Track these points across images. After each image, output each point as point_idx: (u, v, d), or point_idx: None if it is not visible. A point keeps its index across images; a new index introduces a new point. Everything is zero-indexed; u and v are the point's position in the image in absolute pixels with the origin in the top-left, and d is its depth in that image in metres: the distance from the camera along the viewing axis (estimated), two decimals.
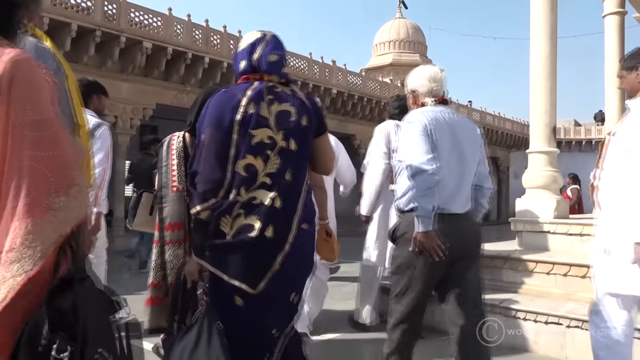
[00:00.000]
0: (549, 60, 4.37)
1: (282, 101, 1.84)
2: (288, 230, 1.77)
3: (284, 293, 1.81)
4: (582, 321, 3.08)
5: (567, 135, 26.23)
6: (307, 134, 1.86)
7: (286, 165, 1.79)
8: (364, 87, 17.10)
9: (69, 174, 1.05)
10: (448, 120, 2.34)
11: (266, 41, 1.94)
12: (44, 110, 1.05)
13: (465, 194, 2.34)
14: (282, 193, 1.76)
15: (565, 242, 4.03)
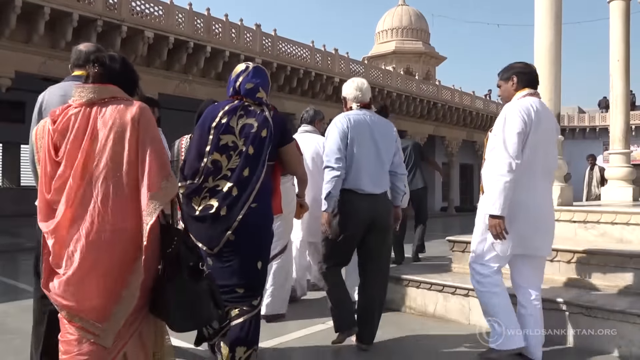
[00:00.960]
0: (554, 47, 4.34)
1: (250, 117, 2.52)
2: (239, 211, 2.41)
3: (247, 259, 2.45)
4: (586, 307, 3.10)
5: (571, 123, 26.11)
6: (264, 143, 2.48)
7: (244, 164, 2.44)
8: (367, 75, 17.01)
9: (167, 168, 1.86)
10: (369, 121, 3.14)
11: (247, 72, 2.63)
12: (155, 132, 1.88)
13: (380, 179, 3.13)
14: (238, 184, 2.42)
15: (569, 229, 4.05)
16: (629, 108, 5.99)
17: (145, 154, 1.83)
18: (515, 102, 2.91)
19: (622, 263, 3.39)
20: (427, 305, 3.86)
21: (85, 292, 1.76)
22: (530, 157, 2.78)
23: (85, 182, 1.83)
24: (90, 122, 1.86)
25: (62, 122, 1.87)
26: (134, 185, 1.84)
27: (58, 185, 1.84)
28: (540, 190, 2.87)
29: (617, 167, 5.70)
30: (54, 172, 1.84)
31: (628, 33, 5.97)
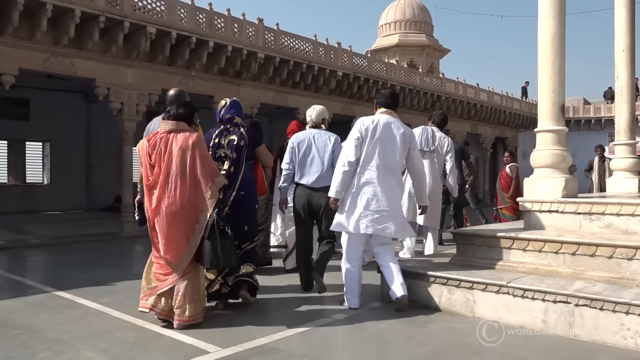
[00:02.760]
0: (558, 37, 4.29)
1: (231, 135, 4.08)
2: (230, 194, 3.96)
3: (238, 225, 3.92)
4: (591, 299, 3.09)
5: (576, 114, 25.92)
6: (242, 149, 4.03)
7: (230, 164, 4.00)
8: (370, 68, 16.93)
9: (215, 170, 3.55)
10: (311, 135, 4.59)
11: (226, 106, 4.21)
12: (204, 151, 3.51)
13: (320, 176, 4.41)
14: (228, 177, 3.86)
15: (573, 221, 4.02)
16: (634, 99, 5.93)
17: (196, 162, 3.44)
18: (363, 117, 4.04)
19: (628, 254, 3.38)
20: (431, 299, 3.85)
21: (166, 246, 3.44)
22: (368, 157, 3.86)
23: (165, 177, 3.43)
24: (169, 142, 3.47)
25: (152, 140, 3.52)
26: (192, 180, 3.44)
27: (155, 178, 3.46)
28: (383, 183, 3.84)
29: (622, 157, 5.66)
30: (150, 170, 3.49)
31: (633, 22, 5.91)
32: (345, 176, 3.85)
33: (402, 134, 3.92)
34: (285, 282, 4.94)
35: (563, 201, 4.05)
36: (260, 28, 13.39)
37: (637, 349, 2.91)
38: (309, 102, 15.50)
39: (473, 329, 3.36)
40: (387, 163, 3.87)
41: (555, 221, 4.11)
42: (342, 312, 3.82)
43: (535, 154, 4.36)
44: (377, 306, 4.00)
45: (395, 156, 3.91)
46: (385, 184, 3.84)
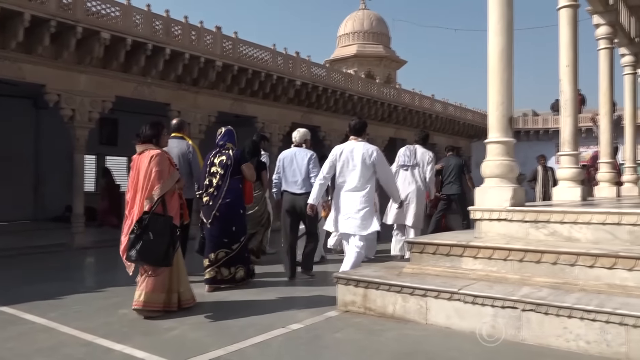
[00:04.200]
0: (506, 53, 4.48)
1: (222, 155, 5.23)
2: (217, 202, 5.09)
3: (225, 225, 5.10)
4: (537, 304, 3.22)
5: (526, 125, 26.95)
6: (228, 167, 5.15)
7: (219, 179, 5.16)
8: (328, 78, 17.08)
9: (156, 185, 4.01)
10: (293, 152, 5.89)
11: (222, 134, 5.44)
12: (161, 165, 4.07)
13: (299, 185, 5.70)
14: (216, 189, 5.15)
15: (521, 229, 4.18)
16: (577, 111, 6.23)
17: (151, 176, 4.03)
18: (337, 145, 5.43)
19: (570, 261, 3.54)
20: (386, 306, 3.91)
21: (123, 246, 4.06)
22: (339, 176, 5.10)
23: (134, 192, 4.12)
24: (138, 163, 4.16)
25: (133, 162, 4.24)
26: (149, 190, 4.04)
27: (130, 193, 4.18)
28: (345, 195, 5.05)
29: (566, 167, 5.93)
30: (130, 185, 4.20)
31: (576, 40, 6.21)
32: (320, 188, 5.19)
33: (362, 155, 5.01)
34: (248, 288, 4.93)
35: (511, 210, 4.21)
36: (218, 36, 13.31)
37: (578, 351, 3.05)
38: (268, 110, 15.49)
39: (427, 335, 3.44)
40: (351, 179, 5.02)
41: (504, 229, 4.26)
42: (298, 322, 3.83)
43: (485, 164, 4.52)
44: (333, 315, 4.03)
45: (358, 173, 5.00)
46: (351, 194, 5.01)
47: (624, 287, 3.30)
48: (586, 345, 3.04)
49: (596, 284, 3.40)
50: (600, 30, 7.55)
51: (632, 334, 2.88)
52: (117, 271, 6.99)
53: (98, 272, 7.07)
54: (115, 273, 6.83)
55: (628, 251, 3.37)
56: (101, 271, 6.92)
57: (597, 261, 3.43)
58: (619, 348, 2.93)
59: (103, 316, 4.12)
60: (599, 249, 3.49)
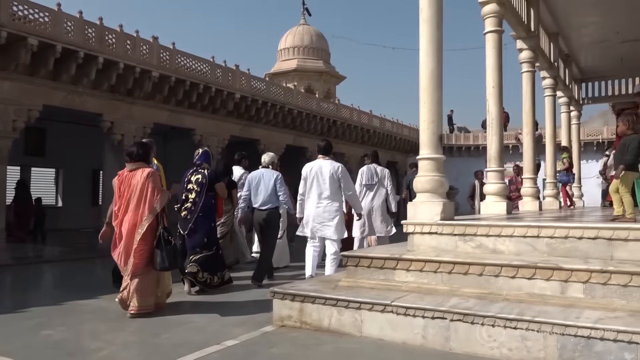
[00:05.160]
0: (436, 73, 4.69)
1: (198, 174, 5.94)
2: (193, 216, 5.78)
3: (199, 236, 5.78)
4: (464, 314, 3.36)
5: (458, 141, 28.15)
6: (203, 185, 5.86)
7: (194, 195, 5.85)
8: (268, 92, 17.14)
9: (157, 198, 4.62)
10: (261, 173, 6.55)
11: (199, 155, 6.18)
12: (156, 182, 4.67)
13: (265, 201, 6.38)
14: (192, 204, 5.84)
15: (450, 242, 4.36)
16: (502, 130, 6.60)
17: (147, 192, 4.58)
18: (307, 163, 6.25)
19: (494, 272, 3.73)
20: (322, 320, 3.95)
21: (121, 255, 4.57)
22: (309, 189, 5.99)
23: (126, 206, 4.59)
24: (131, 179, 4.62)
25: (120, 178, 4.70)
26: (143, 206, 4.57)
27: (119, 205, 4.63)
28: (316, 204, 5.91)
29: (493, 183, 6.26)
30: (119, 200, 4.64)
31: (501, 62, 6.59)
32: (301, 203, 6.11)
33: (329, 171, 5.91)
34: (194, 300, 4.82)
35: (441, 223, 4.39)
36: (155, 46, 13.04)
37: (501, 358, 3.21)
38: (206, 123, 15.30)
39: (360, 348, 3.50)
40: (321, 192, 5.92)
41: (435, 242, 4.43)
42: (234, 338, 3.79)
43: (417, 180, 4.69)
44: (269, 330, 4.02)
45: (327, 187, 5.90)
46: (320, 205, 5.90)
47: (542, 296, 3.52)
48: (508, 352, 3.21)
49: (518, 293, 3.60)
50: (523, 55, 8.05)
51: (549, 340, 3.07)
52: (40, 290, 6.62)
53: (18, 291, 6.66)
54: (38, 292, 6.46)
55: (545, 262, 3.60)
56: (22, 290, 6.52)
57: (518, 272, 3.63)
58: (537, 354, 3.12)
59: (24, 338, 3.89)
60: (520, 261, 3.71)
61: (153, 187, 4.60)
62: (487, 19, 6.41)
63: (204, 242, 5.78)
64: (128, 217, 4.55)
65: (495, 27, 6.44)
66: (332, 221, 5.86)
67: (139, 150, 4.78)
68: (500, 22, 6.47)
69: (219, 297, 5.51)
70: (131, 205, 4.57)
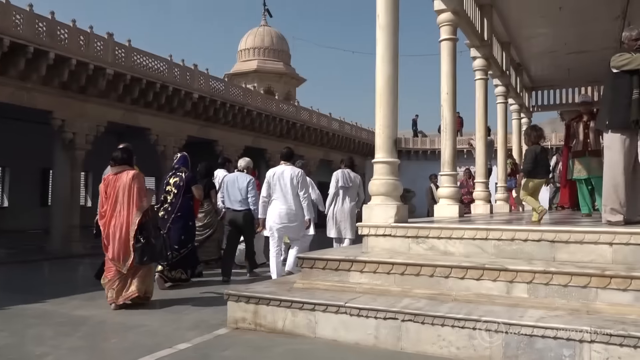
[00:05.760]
0: (392, 79, 4.78)
1: (176, 177, 6.43)
2: (170, 215, 6.27)
3: (176, 234, 6.23)
4: (414, 315, 3.45)
5: (415, 145, 28.71)
6: (180, 187, 6.32)
7: (173, 197, 6.33)
8: (227, 92, 16.98)
9: (143, 197, 5.05)
10: (235, 176, 7.14)
11: (178, 159, 6.70)
12: (141, 183, 5.08)
13: (240, 204, 6.93)
14: (170, 205, 6.33)
15: (404, 244, 4.46)
16: (455, 135, 6.80)
17: (134, 192, 4.95)
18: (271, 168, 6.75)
19: (445, 273, 3.84)
20: (276, 322, 3.96)
21: (115, 252, 4.89)
22: (272, 192, 6.38)
23: (113, 206, 4.97)
24: (117, 181, 5.00)
25: (106, 181, 5.07)
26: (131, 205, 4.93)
27: (106, 207, 5.01)
28: (281, 204, 6.32)
29: (446, 187, 6.43)
30: (105, 201, 5.03)
31: (455, 70, 6.79)
32: (264, 205, 6.46)
33: (290, 176, 6.36)
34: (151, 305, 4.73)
35: (395, 226, 4.48)
36: (110, 43, 12.71)
37: (450, 356, 3.31)
38: (163, 122, 15.00)
39: (314, 349, 3.53)
40: (283, 195, 6.36)
41: (389, 244, 4.52)
42: (187, 342, 3.74)
43: (372, 183, 4.77)
44: (222, 333, 3.99)
45: (289, 190, 6.35)
46: (283, 207, 6.34)
47: (489, 296, 3.65)
48: (457, 350, 3.31)
49: (466, 294, 3.72)
50: (477, 62, 8.31)
51: (495, 338, 3.19)
52: None
53: None
54: None
55: (493, 263, 3.74)
56: None
57: (467, 273, 3.75)
58: (483, 352, 3.23)
59: None
60: (469, 262, 3.83)
61: (139, 187, 5.03)
62: (442, 27, 6.59)
63: (181, 239, 6.26)
64: (118, 217, 4.98)
65: (449, 35, 6.62)
66: (294, 222, 6.39)
67: (123, 155, 5.24)
68: (454, 30, 6.66)
69: (174, 299, 5.43)
70: (119, 205, 4.99)
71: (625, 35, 4.37)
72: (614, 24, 8.23)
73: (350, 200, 8.07)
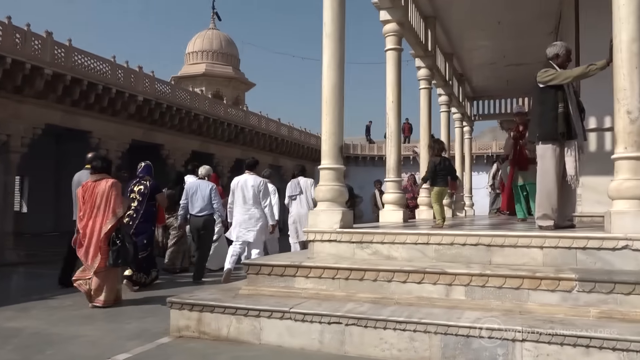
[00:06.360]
0: (338, 87, 4.86)
1: (140, 185, 6.81)
2: (135, 222, 6.61)
3: (140, 238, 6.46)
4: (358, 319, 3.51)
5: (363, 152, 29.14)
6: (144, 195, 6.73)
7: (137, 204, 6.70)
8: (174, 95, 16.65)
9: (120, 204, 5.51)
10: (197, 183, 7.48)
11: (142, 168, 7.12)
12: (118, 190, 5.55)
13: (201, 209, 7.30)
14: (135, 211, 6.68)
15: (349, 249, 4.52)
16: (400, 143, 6.98)
17: (111, 199, 5.40)
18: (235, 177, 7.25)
19: (388, 277, 3.94)
20: (221, 329, 3.92)
21: (87, 253, 5.32)
22: (236, 199, 6.93)
23: (91, 211, 5.39)
24: (95, 187, 5.45)
25: (84, 187, 5.52)
26: (108, 210, 5.37)
27: (83, 211, 5.42)
28: (243, 212, 6.89)
29: (390, 193, 6.59)
30: (82, 207, 5.45)
31: (400, 79, 6.97)
32: (230, 211, 7.02)
33: (252, 185, 6.92)
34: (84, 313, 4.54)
35: (340, 231, 4.55)
36: (49, 42, 12.20)
37: (392, 359, 3.39)
38: (105, 126, 14.51)
39: (259, 355, 3.52)
40: (245, 202, 6.90)
41: (335, 249, 4.58)
42: (127, 352, 3.64)
43: (317, 189, 4.82)
44: (165, 341, 3.91)
45: (250, 197, 6.90)
46: (246, 213, 6.88)
47: (430, 299, 3.77)
48: (398, 353, 3.40)
49: (408, 297, 3.82)
50: (421, 72, 8.57)
51: (434, 339, 3.30)
52: None
53: None
54: None
55: (433, 267, 3.86)
56: None
57: (409, 277, 3.86)
58: (424, 353, 3.33)
59: None
60: (411, 266, 3.94)
61: (116, 194, 5.47)
62: (387, 37, 6.76)
63: (144, 243, 6.62)
64: (94, 221, 5.38)
65: (394, 45, 6.79)
66: (255, 227, 6.88)
67: (103, 164, 5.70)
68: (399, 40, 6.84)
69: (117, 308, 5.26)
70: (96, 210, 5.40)
71: (549, 51, 4.65)
72: (548, 39, 8.71)
73: (302, 206, 8.42)
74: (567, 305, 3.37)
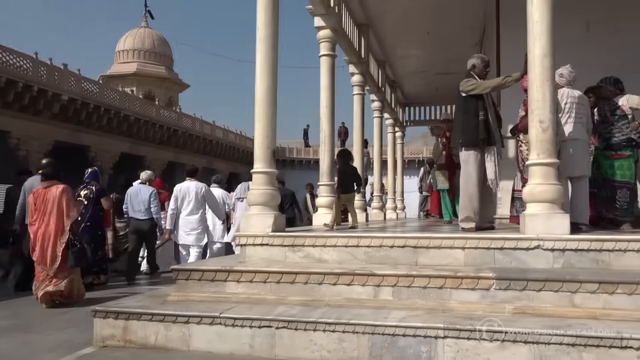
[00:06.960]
0: (271, 91, 4.88)
1: (87, 189, 7.09)
2: (81, 225, 6.46)
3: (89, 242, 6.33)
4: (288, 321, 3.53)
5: (299, 155, 29.28)
6: (90, 199, 7.00)
7: (83, 207, 6.80)
8: (102, 95, 15.98)
9: (72, 208, 5.74)
10: (139, 188, 8.01)
11: (88, 174, 7.38)
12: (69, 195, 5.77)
13: (143, 213, 7.77)
14: (81, 215, 6.44)
15: (281, 253, 4.55)
16: (333, 147, 7.09)
17: (63, 205, 5.60)
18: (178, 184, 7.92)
19: (319, 280, 3.99)
20: (148, 337, 3.82)
21: (43, 256, 5.49)
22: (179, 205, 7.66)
23: (42, 216, 5.56)
24: (46, 194, 5.63)
25: (35, 194, 5.70)
26: (60, 215, 5.57)
27: (35, 217, 5.61)
28: (184, 217, 7.58)
29: (324, 196, 6.68)
30: (34, 212, 5.64)
31: (334, 84, 7.10)
32: (172, 217, 7.62)
33: (194, 191, 7.64)
34: None
35: (272, 235, 4.56)
36: None
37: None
38: (25, 125, 13.69)
39: None
40: (188, 207, 7.61)
41: (267, 253, 4.58)
42: None
43: (250, 193, 4.81)
44: (88, 352, 3.75)
45: (192, 202, 7.63)
46: (190, 217, 7.63)
47: (359, 300, 3.86)
48: (328, 354, 3.45)
49: (338, 299, 3.90)
50: (355, 79, 8.76)
51: (362, 339, 3.39)
52: None
53: None
54: None
55: (362, 269, 3.96)
56: None
57: (339, 279, 3.93)
58: (352, 353, 3.41)
59: None
60: (341, 269, 4.02)
61: (67, 199, 5.68)
62: (322, 43, 6.87)
63: (90, 247, 6.52)
64: (47, 225, 5.56)
65: (328, 52, 6.92)
66: (196, 230, 7.68)
67: (52, 171, 5.89)
68: (333, 47, 6.97)
69: (38, 318, 4.98)
70: (48, 216, 5.58)
71: (468, 63, 4.93)
72: (473, 50, 9.18)
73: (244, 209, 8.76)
74: (485, 302, 3.57)
